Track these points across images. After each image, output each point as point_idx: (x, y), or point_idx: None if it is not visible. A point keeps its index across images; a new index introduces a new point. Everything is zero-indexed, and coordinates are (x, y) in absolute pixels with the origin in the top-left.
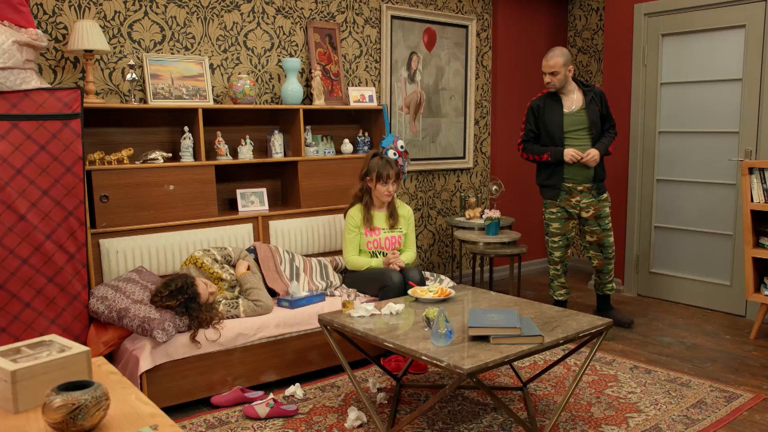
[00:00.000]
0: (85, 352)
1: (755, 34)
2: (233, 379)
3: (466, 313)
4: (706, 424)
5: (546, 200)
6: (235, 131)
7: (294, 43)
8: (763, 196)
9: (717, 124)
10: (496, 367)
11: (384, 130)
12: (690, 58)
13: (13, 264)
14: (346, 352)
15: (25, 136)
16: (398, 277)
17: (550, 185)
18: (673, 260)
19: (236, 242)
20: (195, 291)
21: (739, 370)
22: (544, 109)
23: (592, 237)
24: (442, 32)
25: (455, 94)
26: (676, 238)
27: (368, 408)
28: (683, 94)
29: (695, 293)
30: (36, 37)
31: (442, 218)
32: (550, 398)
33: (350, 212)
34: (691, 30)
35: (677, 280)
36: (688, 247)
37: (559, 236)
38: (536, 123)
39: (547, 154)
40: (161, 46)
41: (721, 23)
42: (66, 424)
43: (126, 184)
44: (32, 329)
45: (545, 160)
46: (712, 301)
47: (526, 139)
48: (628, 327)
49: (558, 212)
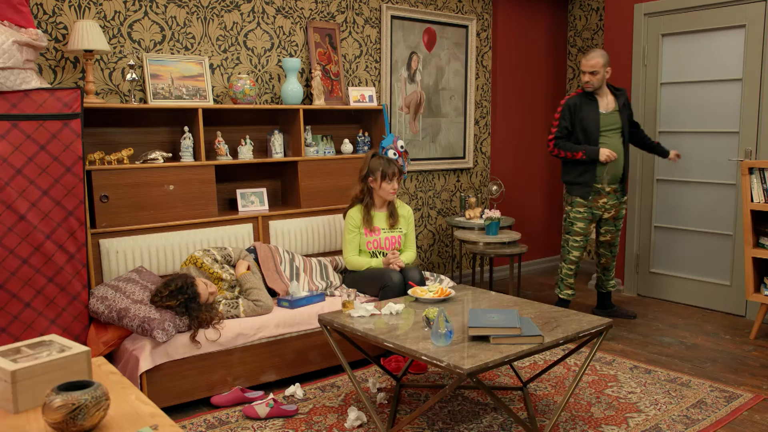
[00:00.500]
0: (85, 352)
1: (755, 34)
2: (233, 379)
3: (466, 313)
4: (706, 424)
5: (574, 198)
6: (235, 131)
7: (294, 43)
8: (763, 196)
9: (717, 124)
10: (496, 367)
11: (384, 130)
12: (690, 58)
13: (13, 264)
14: (346, 352)
15: (25, 136)
16: (398, 277)
17: (581, 183)
18: (673, 260)
19: (236, 242)
20: (195, 291)
21: (739, 370)
22: (580, 107)
23: (606, 236)
24: (442, 32)
25: (455, 94)
26: (676, 238)
27: (368, 408)
28: (683, 94)
29: (695, 293)
30: (36, 37)
31: (442, 218)
32: (550, 398)
33: (350, 212)
34: (691, 30)
35: (677, 280)
36: (688, 247)
37: (581, 236)
38: (572, 120)
39: (582, 152)
40: (161, 46)
41: (721, 23)
42: (66, 424)
43: (126, 184)
44: (32, 329)
45: (579, 157)
46: (712, 301)
47: (559, 136)
48: (633, 318)
49: (585, 212)
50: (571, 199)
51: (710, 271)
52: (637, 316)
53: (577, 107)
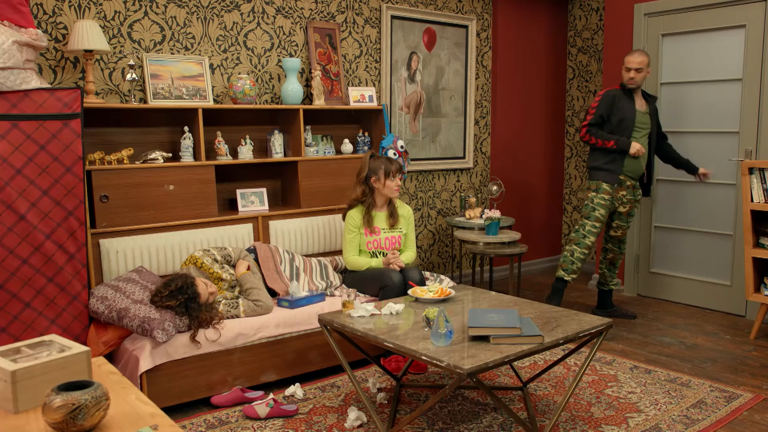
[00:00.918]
0: (85, 352)
1: (755, 34)
2: (233, 379)
3: (466, 313)
4: (706, 424)
5: (600, 184)
6: (235, 131)
7: (294, 43)
8: (763, 196)
9: (717, 124)
10: (496, 367)
11: (384, 130)
12: (690, 58)
13: (13, 264)
14: (346, 352)
15: (25, 136)
16: (398, 277)
17: (609, 170)
18: (673, 260)
19: (236, 242)
20: (195, 291)
21: (739, 370)
22: (619, 100)
23: (617, 232)
24: (442, 32)
25: (455, 94)
26: (676, 238)
27: (368, 408)
28: (683, 94)
29: (695, 293)
30: (36, 37)
31: (442, 218)
32: (550, 398)
33: (350, 213)
34: (691, 30)
35: (677, 280)
36: (688, 247)
37: (600, 224)
38: (608, 110)
39: (614, 141)
40: (161, 46)
41: (721, 23)
42: (66, 424)
43: (126, 184)
44: (32, 329)
45: (610, 146)
46: (712, 301)
47: (593, 123)
48: (633, 318)
49: (608, 200)
50: (597, 185)
51: (710, 271)
52: (637, 317)
53: (617, 99)
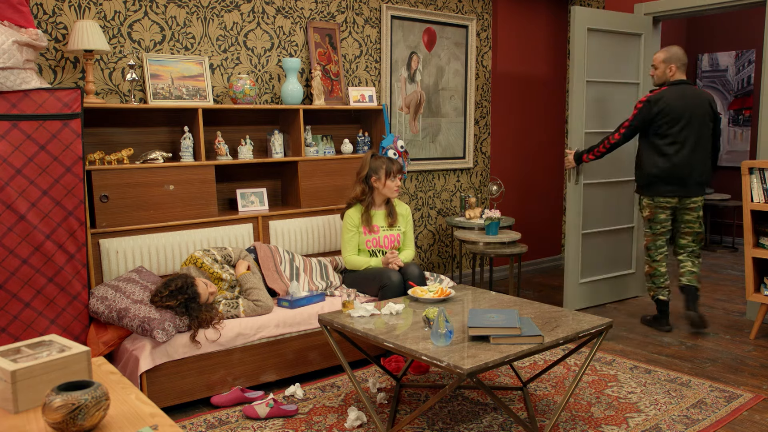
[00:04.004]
0: (85, 352)
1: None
2: (233, 379)
3: (466, 313)
4: (706, 424)
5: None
6: (235, 131)
7: (294, 43)
8: (763, 196)
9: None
10: (496, 367)
11: (384, 130)
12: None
13: (13, 264)
14: (346, 352)
15: (25, 136)
16: (397, 276)
17: None
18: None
19: (236, 242)
20: (195, 291)
21: (739, 370)
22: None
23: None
24: (442, 32)
25: (455, 94)
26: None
27: (368, 408)
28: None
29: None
30: (36, 37)
31: (442, 218)
32: (550, 398)
33: (348, 212)
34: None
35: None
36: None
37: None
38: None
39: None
40: (161, 46)
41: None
42: (66, 424)
43: (126, 184)
44: (32, 329)
45: None
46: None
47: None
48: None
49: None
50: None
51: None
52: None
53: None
